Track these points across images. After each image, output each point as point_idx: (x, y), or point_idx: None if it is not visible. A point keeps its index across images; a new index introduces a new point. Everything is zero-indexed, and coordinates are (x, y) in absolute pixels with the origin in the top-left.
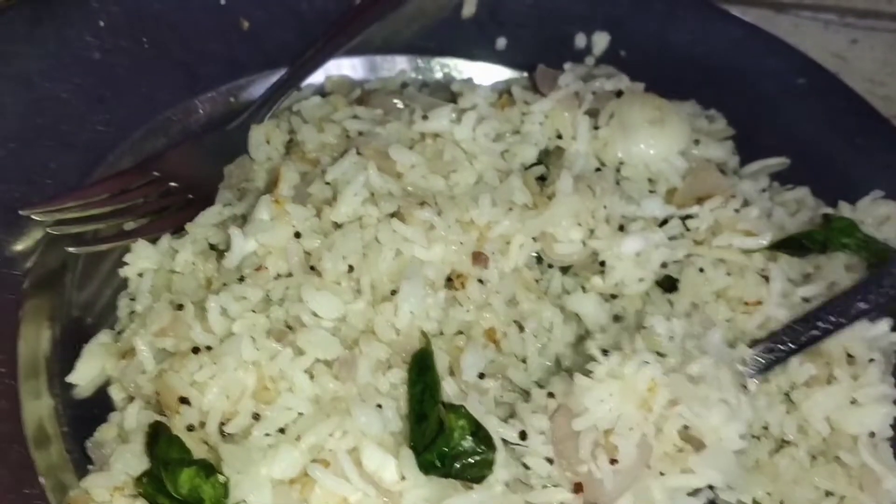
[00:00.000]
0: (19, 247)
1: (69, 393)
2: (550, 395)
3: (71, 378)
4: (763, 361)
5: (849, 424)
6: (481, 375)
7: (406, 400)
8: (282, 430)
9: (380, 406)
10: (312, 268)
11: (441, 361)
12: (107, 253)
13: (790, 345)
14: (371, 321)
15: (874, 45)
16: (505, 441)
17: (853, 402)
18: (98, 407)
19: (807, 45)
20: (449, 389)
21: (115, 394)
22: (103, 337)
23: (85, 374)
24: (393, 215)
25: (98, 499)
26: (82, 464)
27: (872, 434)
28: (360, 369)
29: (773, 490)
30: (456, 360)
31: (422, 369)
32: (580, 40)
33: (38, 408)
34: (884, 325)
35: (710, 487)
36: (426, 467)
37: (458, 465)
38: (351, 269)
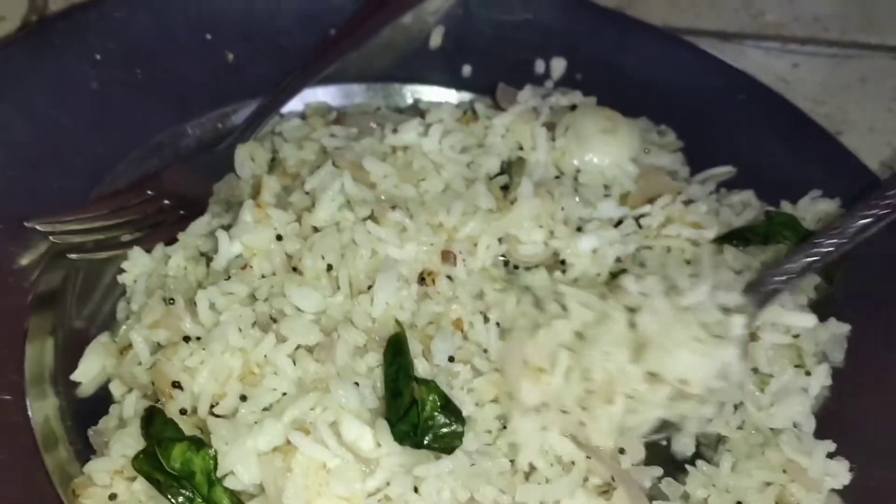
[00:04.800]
0: (26, 260)
1: (73, 392)
2: None
3: (74, 376)
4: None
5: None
6: (451, 359)
7: (382, 382)
8: (266, 409)
9: (357, 384)
10: (294, 269)
11: (414, 349)
12: (106, 266)
13: None
14: (349, 312)
15: (814, 68)
16: None
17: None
18: (100, 405)
19: (751, 69)
20: (421, 369)
21: (115, 389)
22: (103, 338)
23: (87, 372)
24: (367, 218)
25: (100, 482)
26: (86, 455)
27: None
28: (339, 352)
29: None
30: (428, 347)
31: (396, 352)
32: (539, 66)
33: (44, 407)
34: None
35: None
36: (401, 437)
37: (429, 437)
38: (330, 267)
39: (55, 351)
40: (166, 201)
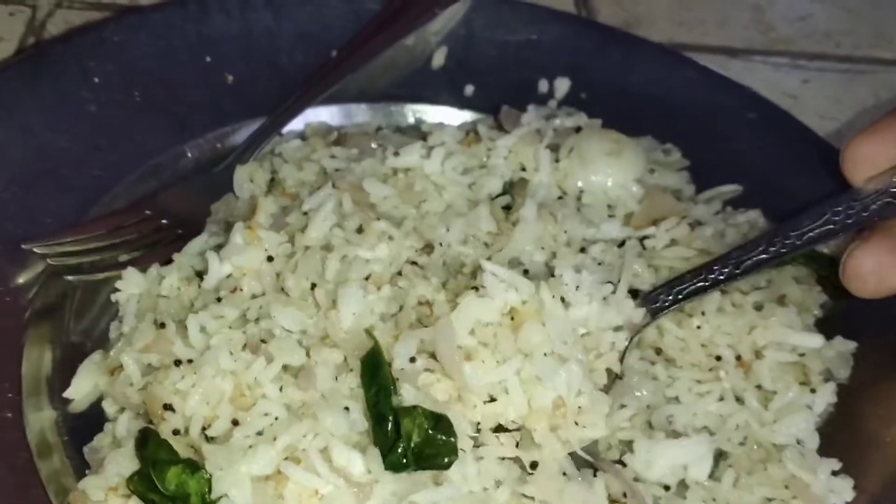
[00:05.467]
0: (22, 279)
1: (68, 407)
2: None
3: (67, 393)
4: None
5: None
6: (412, 360)
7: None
8: (259, 433)
9: (347, 409)
10: (283, 289)
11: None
12: (102, 285)
13: (678, 295)
14: (325, 329)
15: (825, 84)
16: None
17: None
18: (96, 419)
19: (759, 86)
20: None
21: (108, 407)
22: (96, 357)
23: (79, 390)
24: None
25: (94, 498)
26: (82, 469)
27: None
28: (319, 377)
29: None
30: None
31: (373, 372)
32: (543, 86)
33: (40, 419)
34: (818, 339)
35: None
36: (394, 466)
37: (424, 460)
38: (314, 286)
39: (52, 365)
40: (164, 221)
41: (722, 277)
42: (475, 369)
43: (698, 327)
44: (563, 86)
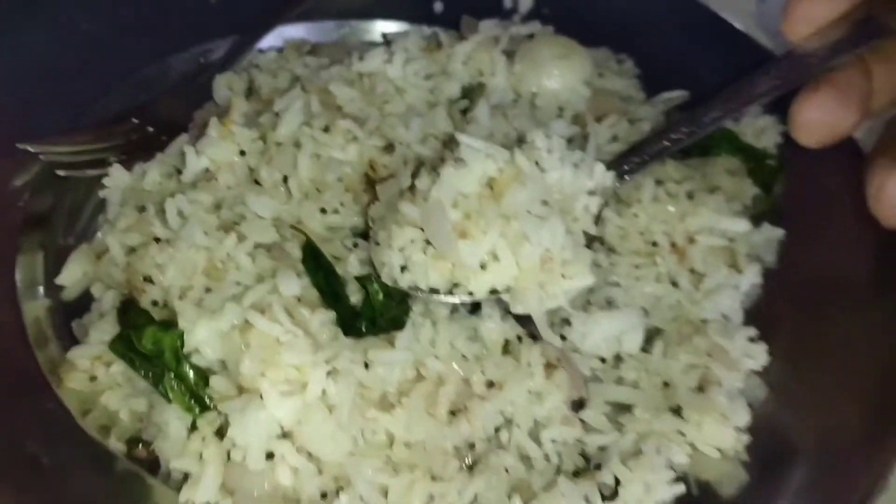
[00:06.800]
0: (18, 181)
1: (61, 295)
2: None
3: (58, 279)
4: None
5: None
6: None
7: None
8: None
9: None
10: (256, 181)
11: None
12: (93, 189)
13: (644, 156)
14: (299, 216)
15: None
16: None
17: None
18: (86, 307)
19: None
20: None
21: (96, 290)
22: (85, 247)
23: (70, 277)
24: (324, 131)
25: (81, 367)
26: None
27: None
28: (292, 250)
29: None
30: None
31: (315, 260)
32: (508, 1)
33: (35, 308)
34: (744, 224)
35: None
36: (358, 333)
37: (384, 325)
38: (286, 179)
39: (45, 261)
40: (150, 129)
41: (682, 137)
42: (469, 246)
43: (635, 215)
44: (526, 1)
